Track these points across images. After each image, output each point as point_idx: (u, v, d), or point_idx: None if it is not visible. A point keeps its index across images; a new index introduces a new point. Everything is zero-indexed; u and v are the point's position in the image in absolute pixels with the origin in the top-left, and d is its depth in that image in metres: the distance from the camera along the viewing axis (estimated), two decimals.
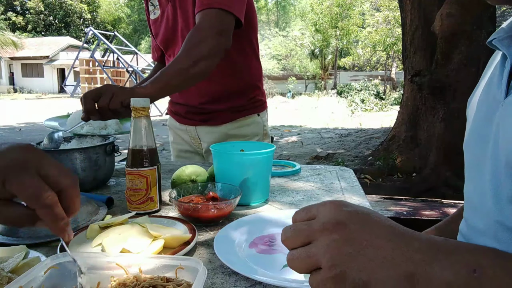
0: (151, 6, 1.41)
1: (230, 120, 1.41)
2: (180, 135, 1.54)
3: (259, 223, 0.75)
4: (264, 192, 0.94)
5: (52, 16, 37.83)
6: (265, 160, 0.91)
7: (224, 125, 1.42)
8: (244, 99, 1.42)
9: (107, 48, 12.89)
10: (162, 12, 1.37)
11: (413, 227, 0.43)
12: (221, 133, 1.42)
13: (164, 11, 1.35)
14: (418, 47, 4.45)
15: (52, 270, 0.48)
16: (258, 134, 1.47)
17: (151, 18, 1.43)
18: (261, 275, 0.54)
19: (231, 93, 1.39)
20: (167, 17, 1.34)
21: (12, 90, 28.91)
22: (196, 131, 1.47)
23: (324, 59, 28.01)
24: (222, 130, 1.42)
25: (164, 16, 1.36)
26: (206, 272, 0.45)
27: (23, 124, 10.16)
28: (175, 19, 1.32)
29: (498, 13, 14.58)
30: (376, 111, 13.71)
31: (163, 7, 1.36)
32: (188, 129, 1.49)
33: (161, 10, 1.37)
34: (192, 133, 1.48)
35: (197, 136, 1.47)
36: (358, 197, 0.98)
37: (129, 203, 0.82)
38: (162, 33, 1.39)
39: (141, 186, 0.80)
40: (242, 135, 1.43)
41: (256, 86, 1.46)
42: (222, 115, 1.41)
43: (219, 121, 1.42)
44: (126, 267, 0.49)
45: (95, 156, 1.00)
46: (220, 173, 0.93)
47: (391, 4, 19.90)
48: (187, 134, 1.50)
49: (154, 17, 1.40)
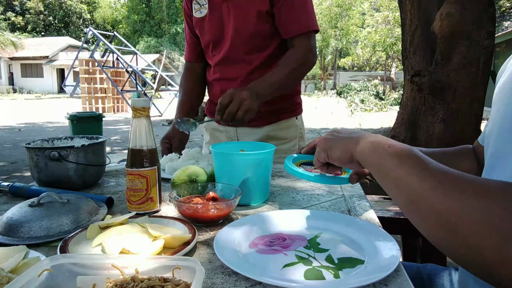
0: (196, 5, 1.40)
1: (271, 122, 1.44)
2: (217, 136, 1.54)
3: (259, 223, 0.75)
4: (264, 192, 0.94)
5: (52, 16, 37.81)
6: (265, 160, 0.91)
7: (265, 127, 1.44)
8: (286, 102, 1.46)
9: (107, 48, 12.89)
10: (212, 11, 1.36)
11: (413, 227, 0.44)
12: (261, 134, 1.44)
13: (215, 10, 1.35)
14: (418, 47, 4.45)
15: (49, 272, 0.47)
16: (296, 136, 1.51)
17: (195, 16, 1.41)
18: (261, 275, 0.54)
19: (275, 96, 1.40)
20: (220, 17, 1.35)
21: (12, 90, 28.90)
22: (236, 132, 1.48)
23: (323, 59, 28.01)
24: (262, 132, 1.44)
25: (215, 16, 1.36)
26: (204, 272, 0.45)
27: (23, 124, 10.15)
28: (229, 21, 1.33)
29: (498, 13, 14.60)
30: (376, 111, 13.71)
31: (215, 6, 1.35)
32: (227, 130, 1.49)
33: (211, 9, 1.36)
34: (231, 134, 1.49)
35: (236, 137, 1.49)
36: (358, 197, 0.98)
37: (129, 203, 0.82)
38: (211, 32, 1.39)
39: (141, 186, 0.80)
40: (282, 137, 1.46)
41: (297, 90, 1.51)
42: (264, 117, 1.42)
43: (261, 123, 1.44)
44: (122, 268, 0.48)
45: (35, 157, 1.00)
46: (220, 173, 0.93)
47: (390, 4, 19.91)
48: (226, 135, 1.51)
49: (200, 15, 1.40)
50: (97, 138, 1.13)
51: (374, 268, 0.57)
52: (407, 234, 1.71)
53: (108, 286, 0.47)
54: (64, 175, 1.00)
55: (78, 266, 0.48)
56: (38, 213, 0.74)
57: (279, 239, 0.69)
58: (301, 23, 1.29)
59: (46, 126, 10.04)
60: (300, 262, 0.60)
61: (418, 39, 4.44)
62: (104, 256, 0.55)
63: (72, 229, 0.73)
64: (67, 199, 0.79)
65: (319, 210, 0.86)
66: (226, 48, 1.36)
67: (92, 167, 1.04)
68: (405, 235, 1.75)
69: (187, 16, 1.48)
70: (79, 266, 0.48)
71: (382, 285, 0.54)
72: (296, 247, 0.66)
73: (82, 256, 0.49)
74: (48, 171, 0.99)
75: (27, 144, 1.03)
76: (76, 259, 0.49)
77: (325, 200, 0.95)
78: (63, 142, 1.13)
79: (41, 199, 0.77)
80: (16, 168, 5.27)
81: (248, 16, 1.30)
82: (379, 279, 0.52)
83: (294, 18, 1.28)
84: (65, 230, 0.73)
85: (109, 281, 0.48)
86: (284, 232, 0.73)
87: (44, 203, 0.77)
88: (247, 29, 1.32)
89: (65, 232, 0.72)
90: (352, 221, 0.75)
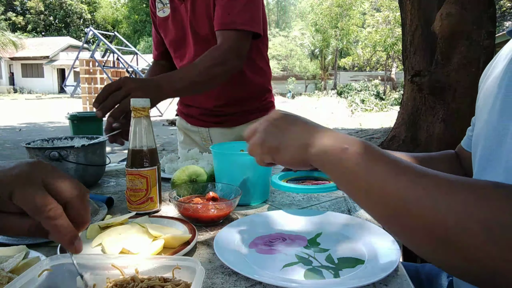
0: (159, 3, 1.38)
1: (243, 123, 1.44)
2: (191, 136, 1.54)
3: (259, 223, 0.75)
4: (264, 192, 0.94)
5: (52, 16, 37.84)
6: None
7: (238, 127, 1.44)
8: (257, 102, 1.45)
9: (107, 48, 12.89)
10: (173, 11, 1.33)
11: None
12: (234, 135, 1.44)
13: (176, 10, 1.33)
14: (418, 47, 4.45)
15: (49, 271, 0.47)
16: None
17: (159, 16, 1.39)
18: (261, 275, 0.54)
19: (245, 96, 1.41)
20: (180, 18, 1.32)
21: (12, 90, 28.91)
22: (208, 133, 1.48)
23: (324, 59, 28.02)
24: (236, 132, 1.44)
25: (175, 16, 1.33)
26: (204, 272, 0.45)
27: (23, 125, 10.16)
28: (187, 22, 1.30)
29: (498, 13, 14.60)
30: (376, 111, 13.70)
31: (175, 7, 1.32)
32: (200, 130, 1.50)
33: (172, 10, 1.33)
34: (204, 134, 1.49)
35: (209, 137, 1.49)
36: None
37: (129, 203, 0.82)
38: (172, 33, 1.36)
39: (141, 186, 0.80)
40: None
41: (267, 89, 1.49)
42: (236, 118, 1.43)
43: (233, 124, 1.44)
44: (122, 268, 0.48)
45: (35, 157, 0.98)
46: (220, 173, 0.93)
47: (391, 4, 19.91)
48: (199, 136, 1.51)
49: (163, 15, 1.37)
50: (97, 138, 1.13)
51: (374, 268, 0.57)
52: None
53: (108, 286, 0.47)
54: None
55: (79, 266, 0.48)
56: None
57: (279, 239, 0.69)
58: (227, 17, 1.18)
59: (47, 126, 10.04)
60: (300, 262, 0.60)
61: (418, 39, 4.44)
62: (104, 256, 0.55)
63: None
64: None
65: (319, 210, 0.86)
66: (188, 49, 1.34)
67: (92, 167, 1.04)
68: None
69: (152, 14, 1.45)
70: (80, 266, 0.48)
71: (382, 285, 0.54)
72: (296, 247, 0.66)
73: (82, 256, 0.49)
74: None
75: (27, 144, 1.03)
76: (76, 259, 0.49)
77: (325, 200, 0.95)
78: (63, 142, 1.13)
79: None
80: None
81: (202, 17, 1.26)
82: (379, 279, 0.52)
83: (223, 12, 1.20)
84: None
85: (109, 281, 0.48)
86: (284, 232, 0.73)
87: None
88: (202, 30, 1.28)
89: None
90: (352, 221, 0.75)
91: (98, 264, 0.49)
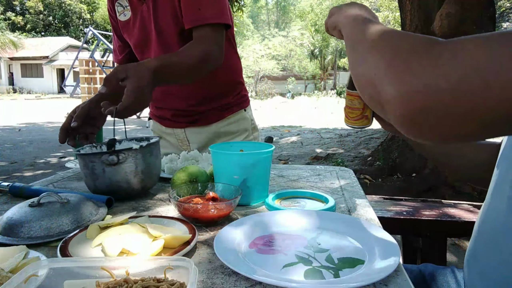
0: (119, 7, 1.33)
1: (219, 119, 1.42)
2: (167, 139, 1.51)
3: (259, 223, 0.75)
4: (264, 192, 0.94)
5: (52, 16, 37.81)
6: (265, 160, 0.91)
7: (214, 124, 1.42)
8: (230, 97, 1.43)
9: (107, 48, 12.89)
10: (135, 14, 1.30)
11: (413, 227, 0.44)
12: (211, 132, 1.42)
13: (137, 13, 1.29)
14: None
15: (48, 271, 0.47)
16: (247, 129, 1.48)
17: (120, 20, 1.35)
18: (261, 275, 0.54)
19: (217, 93, 1.39)
20: (142, 19, 1.28)
21: (12, 90, 28.90)
22: (184, 133, 1.46)
23: (323, 59, 28.01)
24: (212, 129, 1.42)
25: (137, 18, 1.29)
26: (197, 272, 0.45)
27: (23, 124, 10.15)
28: (150, 22, 1.27)
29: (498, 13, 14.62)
30: None
31: (136, 9, 1.29)
32: (175, 132, 1.47)
33: (133, 12, 1.30)
34: (180, 135, 1.47)
35: (186, 138, 1.47)
36: (358, 197, 0.98)
37: (346, 118, 0.88)
38: (136, 37, 1.32)
39: (359, 106, 0.86)
40: (232, 132, 1.44)
41: (239, 82, 1.48)
42: (211, 115, 1.41)
43: (208, 121, 1.42)
44: (114, 270, 0.48)
45: (91, 164, 0.91)
46: (220, 173, 0.93)
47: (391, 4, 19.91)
48: (175, 137, 1.49)
49: (125, 18, 1.33)
50: (148, 139, 1.05)
51: (374, 268, 0.57)
52: (407, 234, 1.71)
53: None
54: (124, 181, 0.91)
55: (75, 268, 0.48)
56: (38, 213, 0.74)
57: (279, 239, 0.69)
58: (199, 14, 1.17)
59: (46, 126, 10.04)
60: (300, 262, 0.60)
61: None
62: (93, 260, 0.54)
63: (72, 229, 0.73)
64: (67, 199, 0.79)
65: (319, 210, 0.86)
66: (153, 51, 1.31)
67: (150, 169, 0.96)
68: (405, 235, 1.75)
69: (112, 19, 1.40)
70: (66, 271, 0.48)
71: (382, 285, 0.54)
72: (296, 247, 0.66)
73: (71, 259, 0.49)
74: (106, 178, 0.91)
75: (76, 151, 0.96)
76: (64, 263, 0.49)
77: None
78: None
79: (41, 199, 0.77)
80: (16, 168, 5.27)
81: (166, 14, 1.24)
82: (379, 279, 0.52)
83: (193, 9, 1.18)
84: (65, 230, 0.72)
85: (98, 283, 0.47)
86: (284, 232, 0.73)
87: (44, 203, 0.77)
88: (168, 29, 1.26)
89: (65, 232, 0.72)
90: (352, 221, 0.75)
91: (88, 267, 0.49)
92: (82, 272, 0.48)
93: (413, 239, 1.71)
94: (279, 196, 0.95)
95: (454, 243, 2.66)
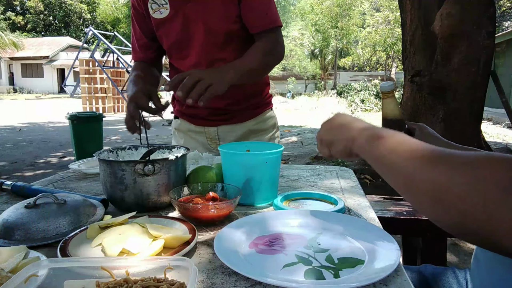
0: (154, 4, 1.33)
1: (252, 117, 1.48)
2: (195, 138, 1.52)
3: (259, 223, 0.75)
4: (270, 194, 0.92)
5: (52, 16, 37.81)
6: (271, 161, 0.90)
7: (247, 122, 1.48)
8: (261, 96, 1.51)
9: (107, 48, 12.89)
10: (176, 11, 1.30)
11: (413, 227, 0.44)
12: (244, 130, 1.48)
13: (179, 10, 1.29)
14: (418, 47, 4.45)
15: (48, 271, 0.47)
16: (274, 126, 1.58)
17: (155, 17, 1.35)
18: (261, 275, 0.54)
19: (252, 92, 1.45)
20: (186, 17, 1.29)
21: (12, 90, 28.90)
22: (216, 132, 1.49)
23: (324, 59, 27.99)
24: (245, 127, 1.48)
25: (179, 16, 1.30)
26: (197, 272, 0.45)
27: (23, 124, 10.15)
28: (197, 20, 1.28)
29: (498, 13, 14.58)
30: (376, 111, 13.70)
31: (179, 6, 1.29)
32: (207, 130, 1.49)
33: (174, 9, 1.30)
34: (211, 133, 1.49)
35: (217, 136, 1.49)
36: (358, 197, 0.98)
37: None
38: (176, 34, 1.33)
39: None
40: (262, 129, 1.52)
41: (267, 83, 1.56)
42: (245, 114, 1.47)
43: (242, 119, 1.47)
44: (114, 270, 0.48)
45: (121, 173, 0.82)
46: (227, 173, 0.93)
47: (391, 4, 19.89)
48: (204, 136, 1.51)
49: (161, 16, 1.33)
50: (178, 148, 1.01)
51: (374, 268, 0.57)
52: (407, 234, 1.71)
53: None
54: (155, 193, 0.84)
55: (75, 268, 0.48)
56: (34, 215, 0.72)
57: (279, 239, 0.69)
58: (267, 18, 1.28)
59: (47, 126, 10.04)
60: (300, 262, 0.60)
61: (418, 39, 4.44)
62: (93, 260, 0.54)
63: (69, 231, 0.71)
64: (64, 200, 0.78)
65: (319, 210, 0.86)
66: (195, 49, 1.32)
67: (179, 182, 0.91)
68: (405, 235, 1.75)
69: (139, 16, 1.39)
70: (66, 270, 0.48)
71: (382, 285, 0.54)
72: (296, 247, 0.66)
73: (71, 259, 0.49)
74: (137, 189, 0.83)
75: (99, 157, 0.87)
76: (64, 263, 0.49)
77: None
78: (127, 152, 0.99)
79: (37, 200, 0.76)
80: (16, 168, 5.27)
81: (217, 14, 1.26)
82: (379, 279, 0.52)
83: (260, 14, 1.27)
84: (62, 232, 0.71)
85: (98, 283, 0.47)
86: (284, 232, 0.73)
87: (40, 204, 0.76)
88: (218, 28, 1.28)
89: (62, 234, 0.71)
90: (352, 221, 0.75)
91: (88, 267, 0.49)
92: (82, 272, 0.48)
93: (413, 239, 1.71)
94: (287, 197, 0.94)
95: (454, 243, 2.66)
